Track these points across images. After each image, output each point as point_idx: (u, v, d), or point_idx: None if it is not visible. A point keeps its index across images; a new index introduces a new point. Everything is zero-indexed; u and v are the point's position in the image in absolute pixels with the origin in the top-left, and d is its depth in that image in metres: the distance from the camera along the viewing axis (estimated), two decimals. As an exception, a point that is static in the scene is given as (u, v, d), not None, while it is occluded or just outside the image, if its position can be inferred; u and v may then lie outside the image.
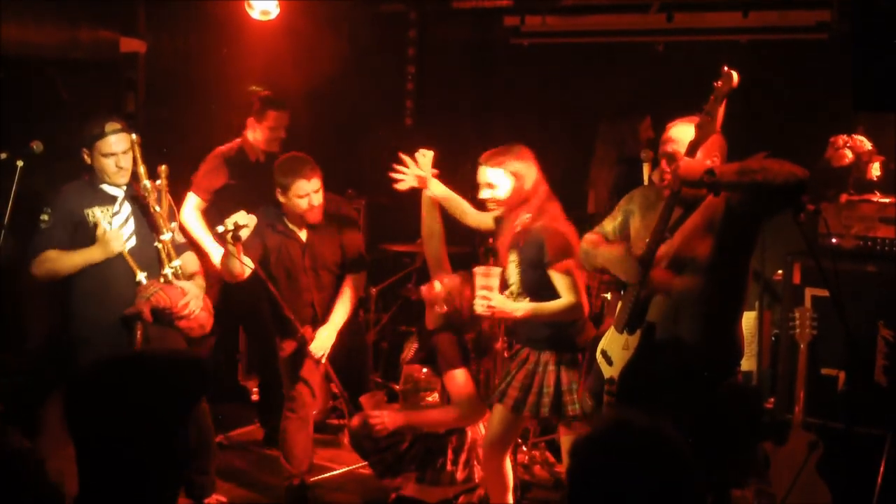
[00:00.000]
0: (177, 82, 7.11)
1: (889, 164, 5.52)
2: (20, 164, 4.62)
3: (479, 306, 4.47)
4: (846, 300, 4.19)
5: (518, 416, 4.69)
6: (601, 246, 4.14)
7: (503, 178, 4.64)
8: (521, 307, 4.53)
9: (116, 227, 4.79)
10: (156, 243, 4.89)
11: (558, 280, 4.47)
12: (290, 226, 5.33)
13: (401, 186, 5.00)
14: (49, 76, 6.11)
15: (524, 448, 5.84)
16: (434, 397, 4.88)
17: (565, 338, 4.61)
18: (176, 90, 7.10)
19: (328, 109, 7.80)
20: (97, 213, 4.79)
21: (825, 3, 6.38)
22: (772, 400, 5.59)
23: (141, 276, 4.79)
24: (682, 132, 3.96)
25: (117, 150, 4.76)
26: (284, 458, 5.44)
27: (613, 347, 4.04)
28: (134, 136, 4.84)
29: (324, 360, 5.35)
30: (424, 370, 4.89)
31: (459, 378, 4.85)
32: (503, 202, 4.67)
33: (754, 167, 3.68)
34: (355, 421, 5.11)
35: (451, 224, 5.19)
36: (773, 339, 5.80)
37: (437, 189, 5.01)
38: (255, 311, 6.16)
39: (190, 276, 4.99)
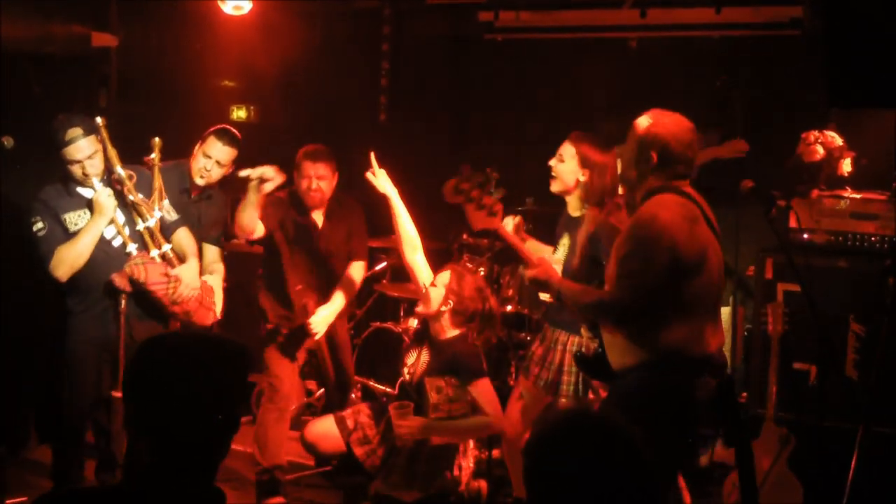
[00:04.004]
0: (149, 77, 7.07)
1: (860, 160, 5.55)
2: None
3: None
4: (818, 295, 4.22)
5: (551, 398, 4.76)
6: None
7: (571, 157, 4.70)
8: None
9: (101, 189, 4.73)
10: (138, 228, 4.88)
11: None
12: (310, 210, 5.51)
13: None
14: (21, 71, 6.05)
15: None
16: (463, 408, 4.85)
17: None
18: (148, 85, 7.05)
19: (302, 105, 7.77)
20: (73, 218, 4.78)
21: (798, 0, 6.41)
22: (744, 395, 5.62)
23: (131, 248, 4.82)
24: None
25: (81, 157, 4.70)
26: (258, 449, 5.42)
27: None
28: (99, 120, 4.77)
29: (318, 337, 5.44)
30: (450, 380, 4.85)
31: (485, 387, 4.81)
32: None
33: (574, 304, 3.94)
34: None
35: (426, 217, 5.20)
36: (745, 334, 5.83)
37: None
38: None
39: (184, 257, 5.03)
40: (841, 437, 4.86)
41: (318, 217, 5.58)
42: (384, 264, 7.12)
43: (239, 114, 7.91)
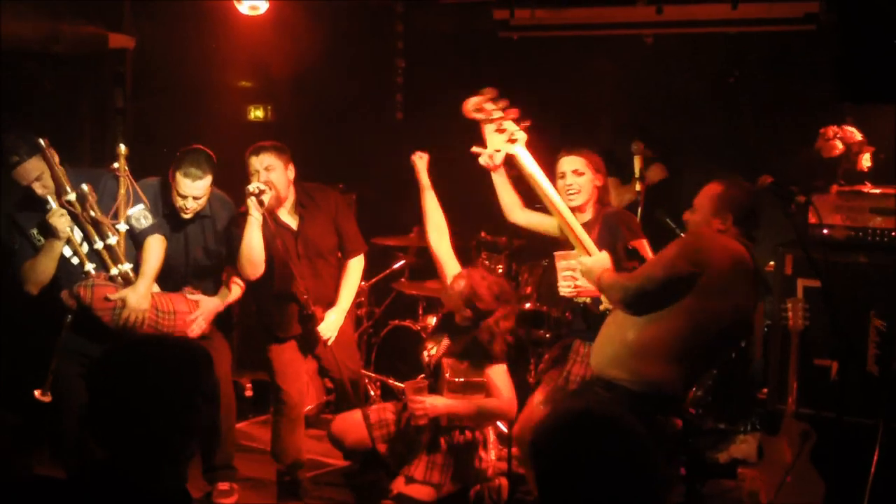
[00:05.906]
0: (165, 77, 7.08)
1: (879, 155, 5.53)
2: None
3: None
4: (838, 291, 4.21)
5: None
6: None
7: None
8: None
9: (54, 209, 4.61)
10: (96, 247, 4.78)
11: None
12: (281, 215, 5.27)
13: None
14: (30, 70, 6.07)
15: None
16: (477, 388, 4.89)
17: None
18: (164, 85, 7.07)
19: (317, 104, 7.78)
20: (38, 234, 4.74)
21: (813, -6, 6.40)
22: (765, 390, 5.60)
23: (89, 267, 4.76)
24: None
25: (26, 182, 4.61)
26: (276, 457, 5.43)
27: None
28: (42, 141, 4.59)
29: (331, 343, 5.31)
30: (467, 362, 4.91)
31: (503, 372, 4.90)
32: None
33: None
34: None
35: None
36: (765, 329, 5.80)
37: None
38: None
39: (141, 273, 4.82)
40: (862, 432, 4.85)
41: (287, 218, 5.30)
42: (402, 262, 7.12)
43: (256, 113, 7.92)
